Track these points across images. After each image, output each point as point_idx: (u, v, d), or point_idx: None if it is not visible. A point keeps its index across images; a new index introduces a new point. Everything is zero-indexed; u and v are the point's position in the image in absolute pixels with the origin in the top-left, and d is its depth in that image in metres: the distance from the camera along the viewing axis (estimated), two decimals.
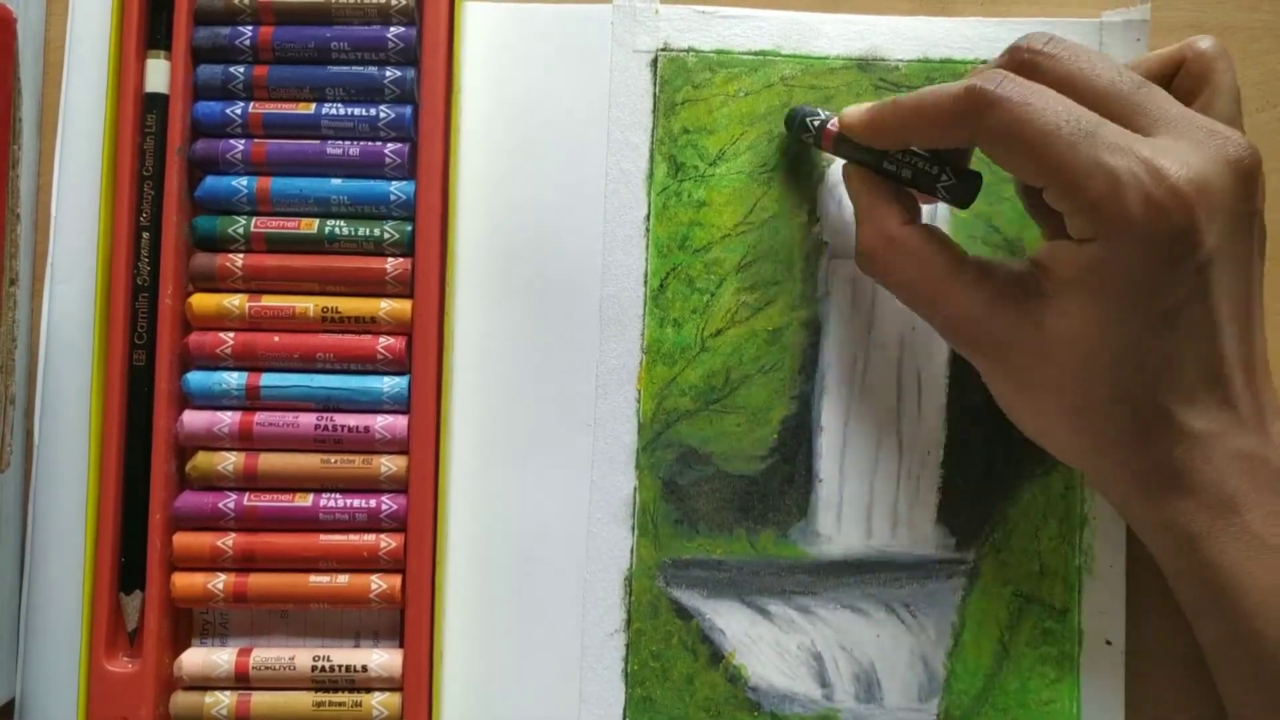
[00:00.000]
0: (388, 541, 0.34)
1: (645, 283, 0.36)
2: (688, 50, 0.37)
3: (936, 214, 0.37)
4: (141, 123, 0.34)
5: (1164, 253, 0.26)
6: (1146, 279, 0.27)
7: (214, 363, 0.34)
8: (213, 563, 0.34)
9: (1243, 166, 0.27)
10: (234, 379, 0.34)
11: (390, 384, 0.34)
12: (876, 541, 0.36)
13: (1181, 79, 0.32)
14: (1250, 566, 0.28)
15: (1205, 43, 0.32)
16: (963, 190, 0.31)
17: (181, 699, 0.34)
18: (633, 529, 0.36)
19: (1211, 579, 0.29)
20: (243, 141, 0.35)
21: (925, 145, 0.31)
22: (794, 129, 0.35)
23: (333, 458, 0.34)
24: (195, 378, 0.34)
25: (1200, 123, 0.28)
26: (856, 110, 0.32)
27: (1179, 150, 0.27)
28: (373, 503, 0.34)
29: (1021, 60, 0.29)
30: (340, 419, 0.34)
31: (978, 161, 0.34)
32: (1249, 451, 0.28)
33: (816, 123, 0.34)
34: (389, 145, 0.35)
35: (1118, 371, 0.28)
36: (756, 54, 0.37)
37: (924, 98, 0.30)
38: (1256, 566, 0.28)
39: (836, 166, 0.37)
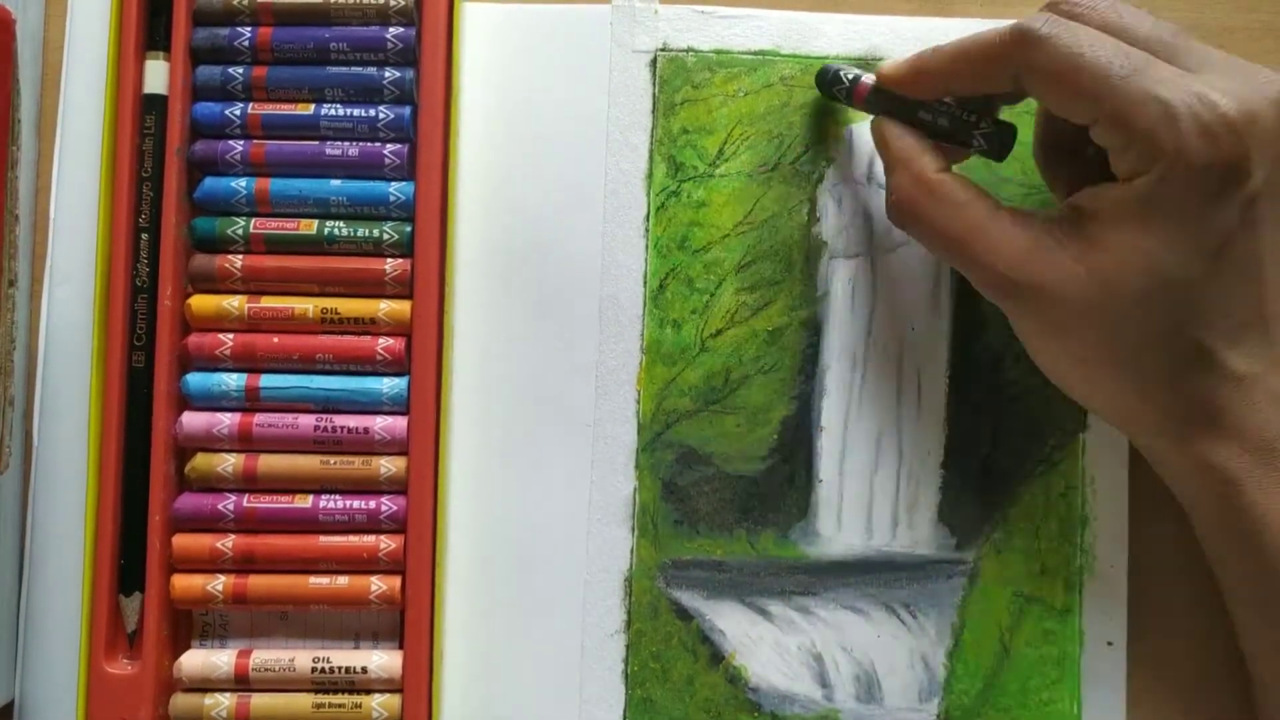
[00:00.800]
0: (387, 543, 0.34)
1: (645, 283, 0.36)
2: (687, 50, 0.37)
3: None
4: (140, 124, 0.34)
5: (1215, 183, 0.27)
6: (1197, 210, 0.27)
7: (213, 364, 0.34)
8: (212, 564, 0.34)
9: None
10: (233, 380, 0.34)
11: (390, 385, 0.34)
12: (877, 542, 0.36)
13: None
14: None
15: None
16: (1000, 138, 0.31)
17: (181, 701, 0.34)
18: (633, 530, 0.36)
19: (1245, 520, 0.29)
20: (242, 142, 0.34)
21: (967, 91, 0.32)
22: (825, 86, 0.35)
23: (332, 459, 0.34)
24: (194, 379, 0.34)
25: (1240, 65, 0.28)
26: (894, 62, 0.33)
27: (1227, 85, 0.27)
28: (372, 504, 0.34)
29: (1060, 10, 0.30)
30: (340, 420, 0.34)
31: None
32: None
33: (850, 76, 0.34)
34: (388, 146, 0.35)
35: (1164, 307, 0.28)
36: (756, 54, 0.37)
37: (968, 41, 0.30)
38: None
39: (836, 168, 0.37)
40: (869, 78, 0.34)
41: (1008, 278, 0.30)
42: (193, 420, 0.34)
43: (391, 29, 0.35)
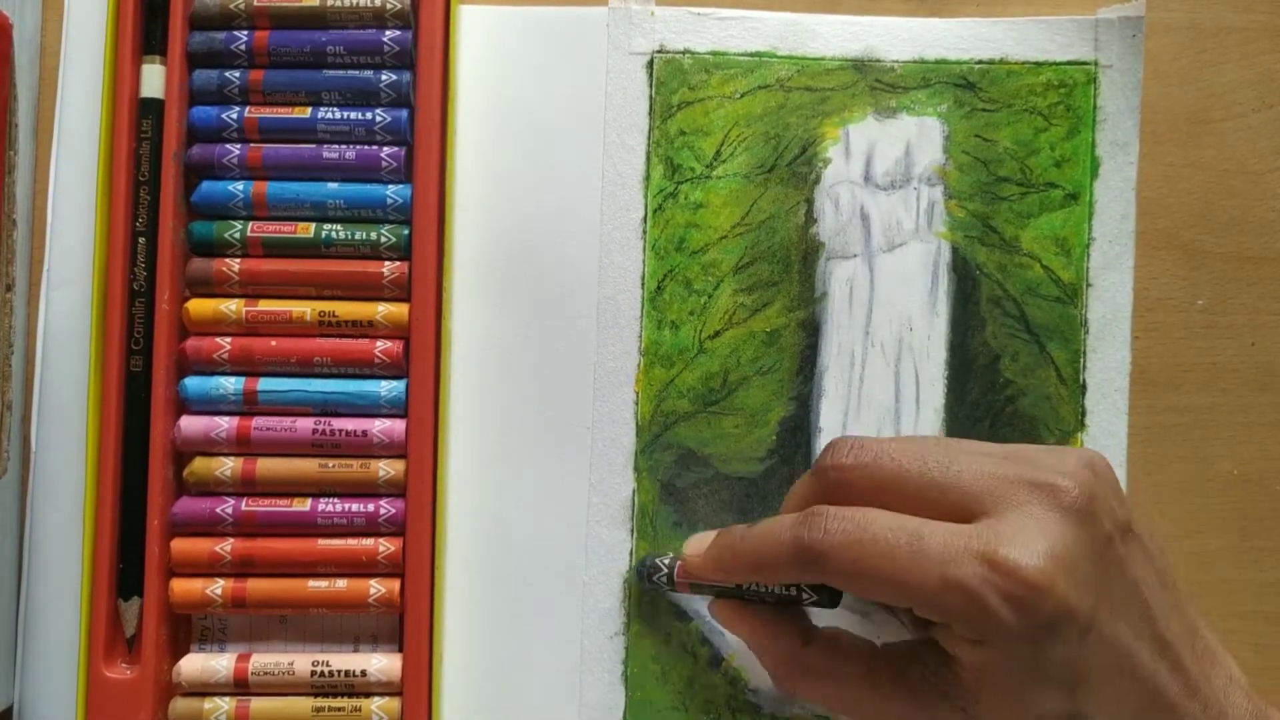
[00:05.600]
0: (386, 545, 0.34)
1: (643, 285, 0.36)
2: (683, 52, 0.37)
3: (933, 208, 0.37)
4: (137, 128, 0.34)
5: (1047, 635, 0.26)
6: (1042, 661, 0.26)
7: (211, 368, 0.34)
8: (211, 568, 0.34)
9: (1080, 508, 0.27)
10: (231, 384, 0.34)
11: (388, 388, 0.34)
12: None
13: None
14: None
15: None
16: (827, 598, 0.30)
17: (181, 705, 0.34)
18: (631, 531, 0.36)
19: None
20: (239, 146, 0.34)
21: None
22: (644, 579, 0.35)
23: (330, 462, 0.34)
24: (192, 383, 0.34)
25: (1020, 475, 0.27)
26: (696, 551, 0.32)
27: (1015, 529, 0.26)
28: (371, 507, 0.34)
29: (830, 480, 0.29)
30: (338, 423, 0.34)
31: None
32: None
33: (665, 562, 0.34)
34: (385, 149, 0.35)
35: None
36: (752, 55, 0.37)
37: (759, 547, 0.29)
38: None
39: (833, 168, 0.37)
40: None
41: None
42: (191, 424, 0.34)
43: (388, 32, 0.35)
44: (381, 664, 0.34)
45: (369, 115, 0.34)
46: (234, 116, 0.34)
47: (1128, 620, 0.27)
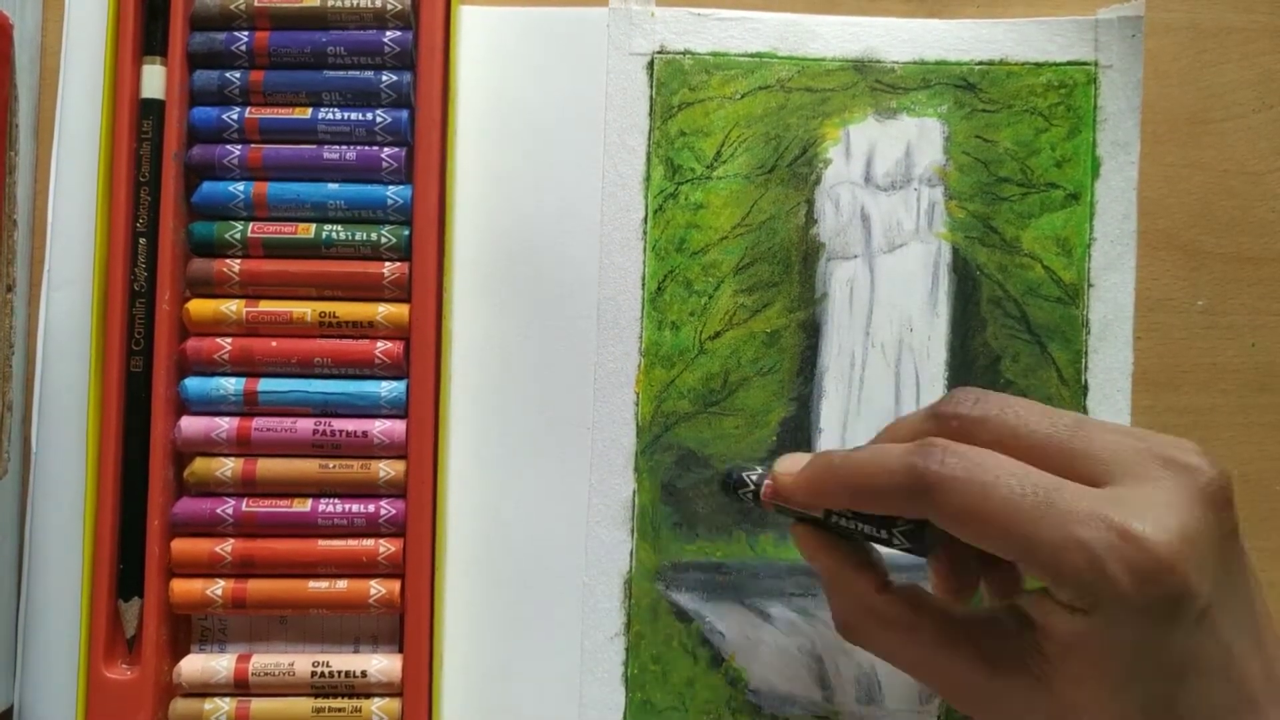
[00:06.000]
0: (386, 546, 0.34)
1: (643, 285, 0.36)
2: (684, 53, 0.37)
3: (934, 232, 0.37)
4: (138, 128, 0.34)
5: (1162, 616, 0.25)
6: (1150, 642, 0.25)
7: (212, 368, 0.34)
8: (211, 569, 0.34)
9: (1213, 493, 0.26)
10: (232, 384, 0.34)
11: (388, 388, 0.34)
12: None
13: None
14: None
15: None
16: (923, 535, 0.29)
17: (181, 706, 0.33)
18: (632, 532, 0.36)
19: None
20: (239, 146, 0.34)
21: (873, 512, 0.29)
22: (729, 491, 0.33)
23: (331, 463, 0.34)
24: (193, 383, 0.34)
25: (1154, 450, 0.26)
26: (789, 471, 0.30)
27: (1147, 502, 0.25)
28: (371, 507, 0.34)
29: (951, 428, 0.28)
30: (338, 424, 0.34)
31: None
32: None
33: (754, 479, 0.32)
34: (386, 149, 0.35)
35: None
36: (753, 56, 0.37)
37: (864, 470, 0.28)
38: None
39: (834, 169, 0.37)
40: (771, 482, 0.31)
41: (972, 699, 0.28)
42: (191, 424, 0.34)
43: (389, 33, 0.35)
44: (382, 665, 0.34)
45: (369, 116, 0.34)
46: (234, 117, 0.34)
47: (1235, 616, 0.26)
